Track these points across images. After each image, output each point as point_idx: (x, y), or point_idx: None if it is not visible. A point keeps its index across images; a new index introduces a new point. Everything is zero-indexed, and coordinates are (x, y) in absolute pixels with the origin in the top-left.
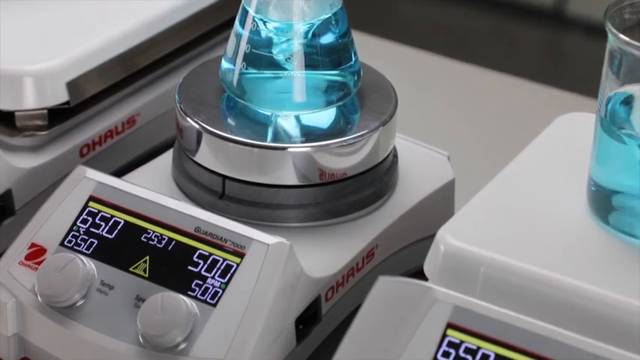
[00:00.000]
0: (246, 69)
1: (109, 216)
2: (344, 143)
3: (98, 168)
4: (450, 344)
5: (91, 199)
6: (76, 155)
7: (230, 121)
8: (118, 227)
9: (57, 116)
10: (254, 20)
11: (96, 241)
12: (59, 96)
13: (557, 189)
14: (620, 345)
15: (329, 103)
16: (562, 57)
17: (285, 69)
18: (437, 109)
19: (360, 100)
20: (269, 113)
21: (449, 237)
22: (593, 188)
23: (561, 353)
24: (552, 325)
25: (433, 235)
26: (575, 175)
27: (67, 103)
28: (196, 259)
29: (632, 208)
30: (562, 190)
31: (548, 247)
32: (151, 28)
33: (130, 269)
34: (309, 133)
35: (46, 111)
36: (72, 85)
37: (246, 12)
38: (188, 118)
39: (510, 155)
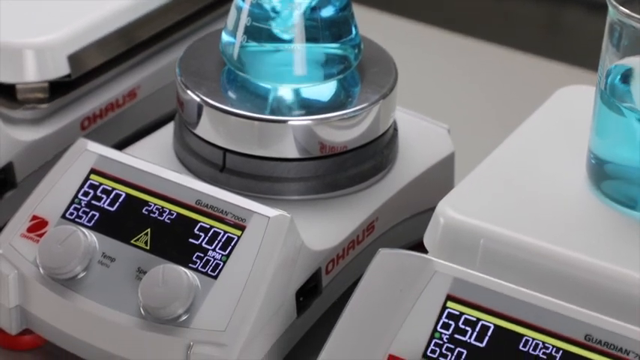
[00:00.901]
0: (247, 42)
1: (110, 189)
2: (344, 116)
3: (99, 141)
4: (450, 316)
5: (92, 171)
6: (77, 128)
7: (231, 94)
8: (119, 200)
9: (58, 89)
10: None
11: (97, 214)
12: (60, 69)
13: (557, 162)
14: (618, 316)
15: (329, 76)
16: (562, 30)
17: (285, 42)
18: (437, 83)
19: (360, 73)
20: (269, 86)
21: (449, 210)
22: (593, 161)
23: (560, 324)
24: (551, 297)
25: (433, 208)
26: (575, 148)
27: (69, 75)
28: (197, 232)
29: (631, 180)
30: (561, 162)
31: (548, 220)
32: (152, 1)
33: (132, 242)
34: (310, 106)
35: (47, 84)
36: (73, 58)
37: None
38: (189, 91)
39: (510, 128)
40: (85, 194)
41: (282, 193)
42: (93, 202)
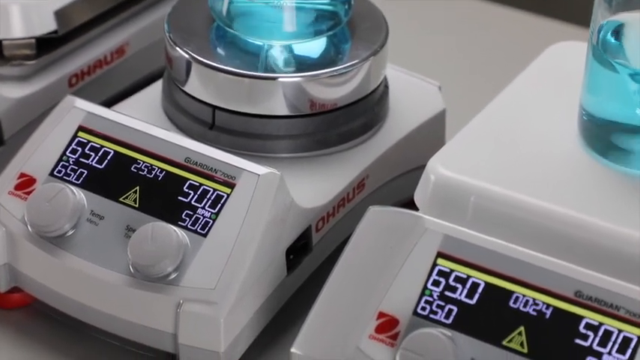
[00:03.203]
0: None
1: (98, 146)
2: (334, 73)
3: (87, 98)
4: (440, 273)
5: (81, 129)
6: (65, 85)
7: (220, 50)
8: (108, 157)
9: (45, 46)
10: None
11: (85, 172)
12: (47, 25)
13: (548, 118)
14: (609, 273)
15: (319, 33)
16: None
17: None
18: (428, 40)
19: (350, 29)
20: (259, 43)
21: (439, 167)
22: (585, 117)
23: (550, 281)
24: (541, 254)
25: (424, 166)
26: (567, 105)
27: (55, 32)
28: (186, 190)
29: (621, 136)
30: (553, 119)
31: (538, 176)
32: None
33: (120, 199)
34: (300, 63)
35: (33, 40)
36: (60, 14)
37: None
38: (177, 48)
39: (501, 85)
40: (73, 152)
41: (272, 150)
42: (81, 159)
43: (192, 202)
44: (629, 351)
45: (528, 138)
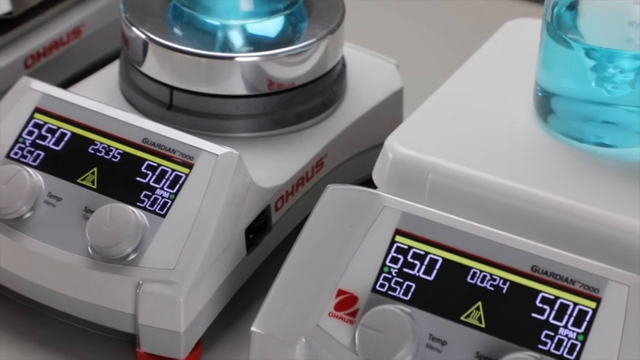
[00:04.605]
0: None
1: (55, 127)
2: (292, 52)
3: (43, 79)
4: (399, 250)
5: (37, 110)
6: (21, 66)
7: (177, 30)
8: (65, 139)
9: (0, 27)
10: None
11: (42, 153)
12: (1, 6)
13: (504, 95)
14: (564, 247)
15: (276, 12)
16: None
17: None
18: (385, 18)
19: (307, 8)
20: (216, 22)
21: (397, 145)
22: (540, 94)
23: (507, 256)
24: (498, 230)
25: (382, 144)
26: (522, 81)
27: (10, 13)
28: (145, 170)
29: (576, 111)
30: (509, 96)
31: (495, 153)
32: None
33: (78, 181)
34: (257, 43)
35: None
36: None
37: None
38: (134, 28)
39: (458, 63)
40: (30, 133)
41: (231, 130)
42: (38, 141)
43: (151, 183)
44: (585, 324)
45: (485, 115)
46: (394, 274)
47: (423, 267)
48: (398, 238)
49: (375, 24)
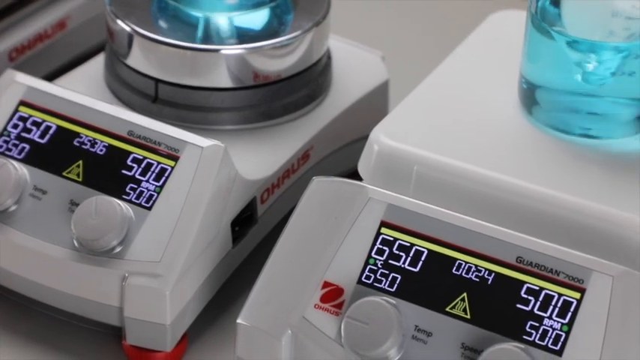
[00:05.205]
0: None
1: (40, 120)
2: (277, 44)
3: (28, 72)
4: (384, 242)
5: (22, 103)
6: (5, 60)
7: (162, 23)
8: (50, 132)
9: None
10: None
11: (28, 146)
12: None
13: (489, 87)
14: (549, 238)
15: (261, 4)
16: None
17: None
18: (370, 10)
19: (293, 0)
20: (201, 15)
21: (382, 137)
22: (524, 85)
23: (492, 248)
24: (483, 221)
25: (367, 136)
26: (507, 73)
27: None
28: (130, 163)
29: (561, 103)
30: (494, 87)
31: (480, 145)
32: None
33: (64, 174)
34: (243, 35)
35: None
36: None
37: None
38: (119, 21)
39: (444, 55)
40: (15, 126)
41: (216, 123)
42: (23, 134)
43: (136, 176)
44: (569, 314)
45: (470, 107)
46: (380, 266)
47: (409, 259)
48: (383, 229)
49: (361, 16)
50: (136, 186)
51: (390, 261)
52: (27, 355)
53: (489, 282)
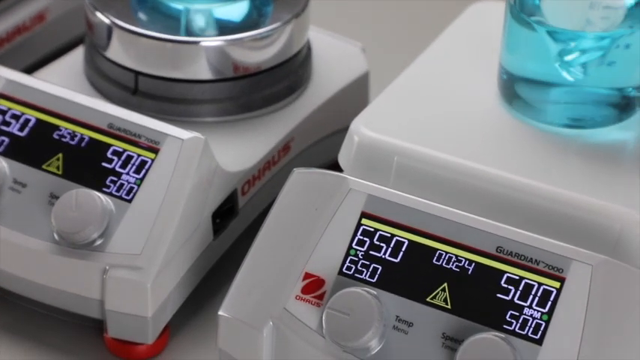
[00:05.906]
0: None
1: (19, 113)
2: (257, 36)
3: (7, 65)
4: (365, 232)
5: (0, 96)
6: None
7: (141, 15)
8: (29, 125)
9: None
10: None
11: (6, 139)
12: None
13: (469, 78)
14: (528, 228)
15: None
16: None
17: None
18: (350, 1)
19: None
20: (181, 7)
21: (362, 128)
22: (504, 76)
23: (472, 238)
24: (463, 211)
25: (348, 128)
26: (487, 64)
27: None
28: (110, 156)
29: (541, 93)
30: (474, 78)
31: (460, 136)
32: None
33: (43, 167)
34: (222, 27)
35: None
36: None
37: None
38: (98, 13)
39: (424, 46)
40: None
41: (196, 115)
42: (2, 127)
43: (117, 168)
44: (549, 303)
45: (450, 98)
46: (360, 257)
47: (389, 249)
48: (364, 220)
49: (341, 7)
50: (116, 179)
51: (371, 252)
52: (8, 349)
53: (469, 272)
